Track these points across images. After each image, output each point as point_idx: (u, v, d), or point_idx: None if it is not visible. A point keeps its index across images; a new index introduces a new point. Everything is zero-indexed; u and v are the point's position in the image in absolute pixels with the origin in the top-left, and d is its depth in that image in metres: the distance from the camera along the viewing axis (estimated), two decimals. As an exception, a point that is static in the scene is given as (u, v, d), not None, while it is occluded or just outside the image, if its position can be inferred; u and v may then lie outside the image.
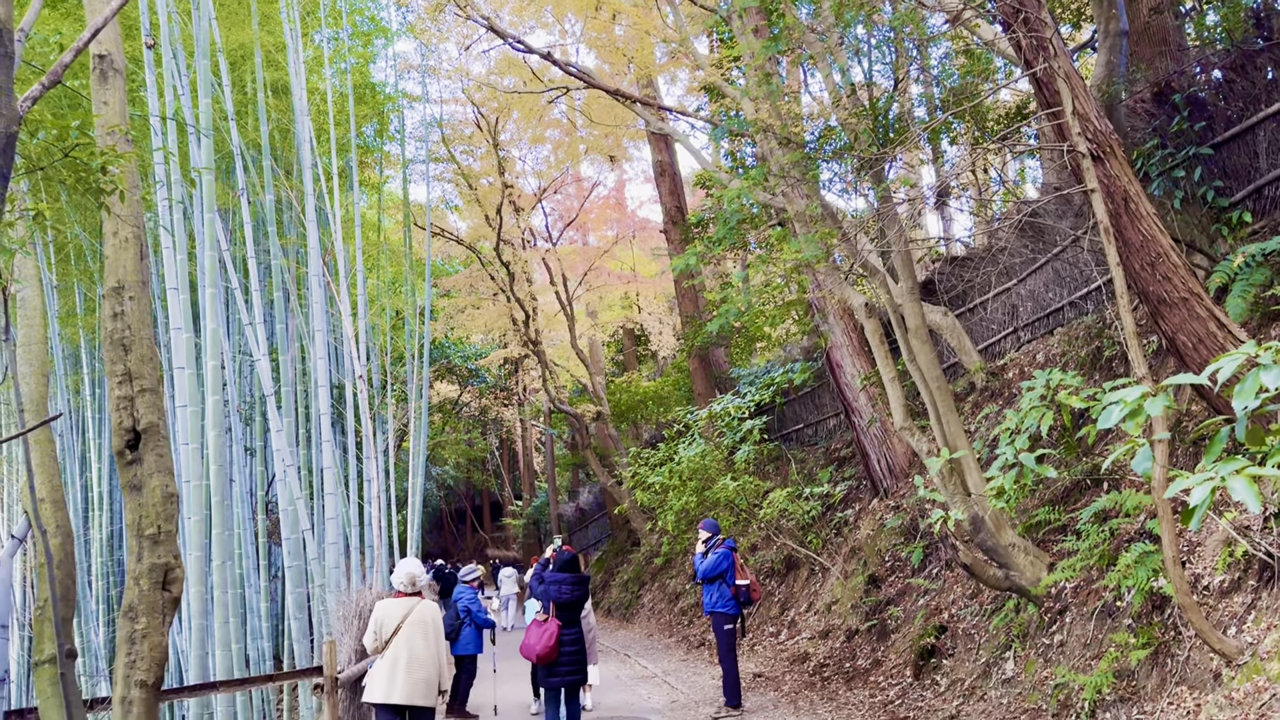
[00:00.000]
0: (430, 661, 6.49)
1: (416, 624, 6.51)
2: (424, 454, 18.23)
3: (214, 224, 9.76)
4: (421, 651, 6.46)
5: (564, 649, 8.11)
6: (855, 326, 13.85)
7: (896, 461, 13.16)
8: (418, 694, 6.37)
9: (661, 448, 13.50)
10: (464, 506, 46.80)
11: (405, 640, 6.44)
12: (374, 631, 6.52)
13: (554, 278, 22.78)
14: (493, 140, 20.44)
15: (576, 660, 8.19)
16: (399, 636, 6.45)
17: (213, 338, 9.49)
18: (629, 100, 13.75)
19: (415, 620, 6.52)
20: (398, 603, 6.62)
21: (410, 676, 6.37)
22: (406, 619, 6.51)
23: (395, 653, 6.41)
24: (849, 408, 13.52)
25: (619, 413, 23.45)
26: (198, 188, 10.01)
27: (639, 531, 22.13)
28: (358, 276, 15.48)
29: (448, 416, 32.67)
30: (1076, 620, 7.09)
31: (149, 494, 5.07)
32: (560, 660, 8.07)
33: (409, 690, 6.34)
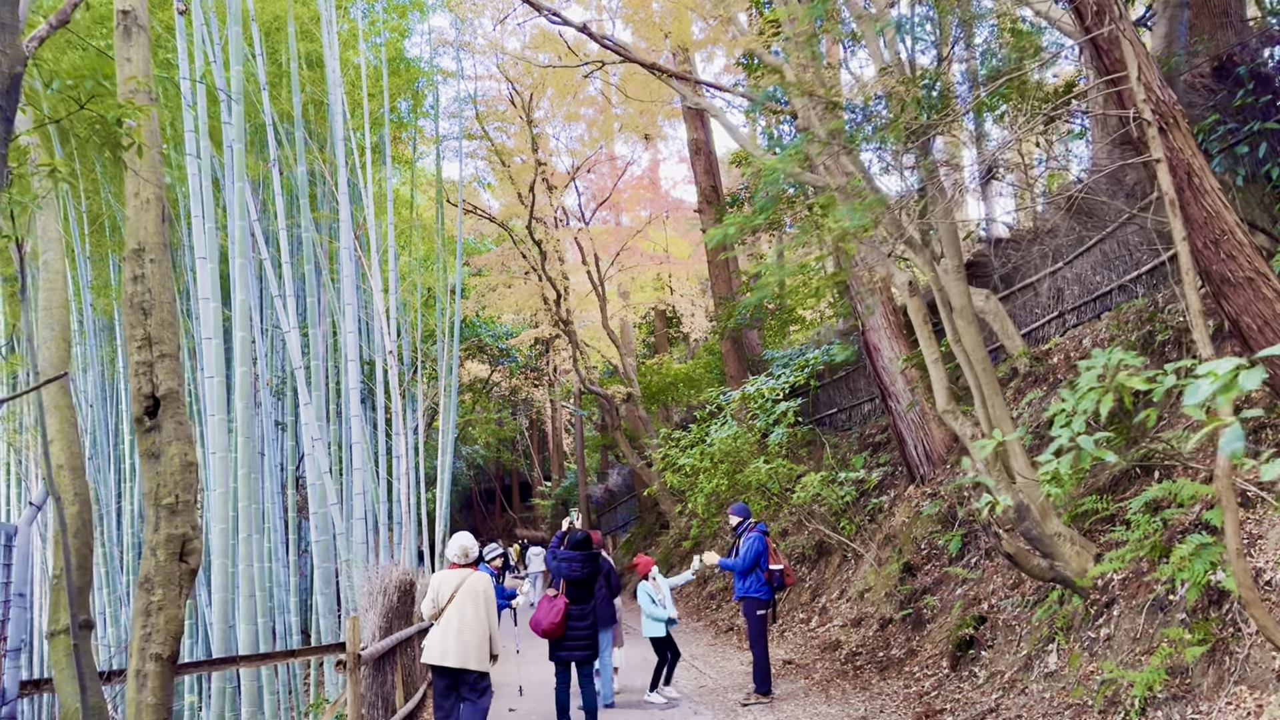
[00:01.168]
0: (481, 628, 6.85)
1: (468, 594, 6.88)
2: (453, 432, 18.14)
3: (244, 193, 9.62)
4: (472, 619, 6.81)
5: (572, 625, 8.08)
6: (894, 308, 13.52)
7: (934, 448, 12.84)
8: (471, 659, 6.74)
9: (694, 429, 13.26)
10: (493, 486, 46.89)
11: (457, 608, 6.83)
12: (431, 600, 6.94)
13: (586, 257, 22.57)
14: (527, 116, 20.21)
15: (585, 638, 8.11)
16: (452, 605, 6.84)
17: (241, 309, 9.36)
18: (665, 74, 13.47)
19: (467, 590, 6.89)
20: (452, 573, 7.01)
21: (461, 642, 6.74)
22: (460, 588, 6.90)
23: (448, 619, 6.81)
24: (886, 391, 13.21)
25: (649, 394, 23.24)
26: (228, 157, 9.88)
27: (668, 514, 21.95)
28: (389, 252, 15.36)
29: (478, 396, 32.63)
30: (1125, 613, 6.80)
31: (167, 462, 4.93)
32: (568, 636, 8.07)
33: (462, 654, 6.72)
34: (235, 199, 9.56)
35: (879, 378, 13.30)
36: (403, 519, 14.42)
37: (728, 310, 18.31)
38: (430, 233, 24.64)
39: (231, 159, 9.80)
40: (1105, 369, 4.57)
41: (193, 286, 13.11)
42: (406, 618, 8.91)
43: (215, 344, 8.47)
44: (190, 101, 8.94)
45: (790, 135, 18.82)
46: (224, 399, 8.63)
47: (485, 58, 22.05)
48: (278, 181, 11.32)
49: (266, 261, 10.17)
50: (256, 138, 13.81)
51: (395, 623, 8.42)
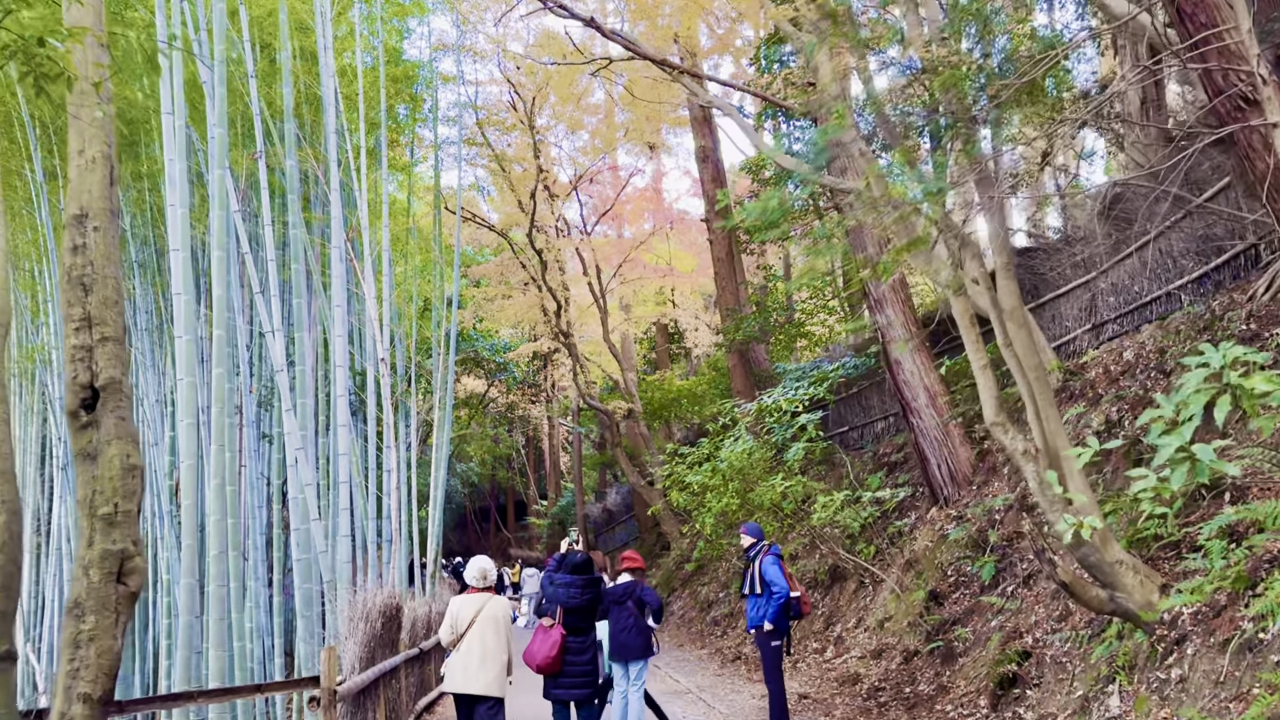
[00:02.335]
0: (501, 654, 6.81)
1: (488, 619, 6.82)
2: (447, 447, 17.35)
3: (225, 181, 8.88)
4: (493, 645, 6.78)
5: (570, 659, 7.26)
6: (915, 319, 12.80)
7: (959, 467, 12.08)
8: (493, 686, 6.71)
9: (704, 444, 12.49)
10: (488, 505, 45.96)
11: (479, 634, 6.77)
12: (450, 626, 6.86)
13: (587, 268, 21.86)
14: (529, 121, 19.55)
15: (585, 674, 7.30)
16: (472, 630, 6.78)
17: (219, 305, 8.60)
18: (676, 71, 12.80)
19: (487, 616, 6.83)
20: (472, 598, 6.94)
21: (484, 668, 6.70)
22: (479, 614, 6.83)
23: (469, 645, 6.75)
24: (907, 407, 12.45)
25: (651, 411, 22.46)
26: (211, 144, 9.14)
27: (669, 535, 21.15)
28: (383, 257, 14.63)
29: (474, 411, 31.83)
30: (1202, 652, 6.02)
31: (105, 465, 4.16)
32: (565, 672, 7.25)
33: (485, 682, 6.68)
34: (216, 186, 8.82)
35: (900, 392, 12.55)
36: (393, 537, 13.62)
37: (736, 322, 17.58)
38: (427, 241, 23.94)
39: (214, 145, 9.07)
40: (1220, 366, 3.83)
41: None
42: (392, 646, 8.10)
43: (188, 342, 7.71)
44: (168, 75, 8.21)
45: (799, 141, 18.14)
46: (194, 402, 7.84)
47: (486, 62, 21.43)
48: (264, 176, 10.59)
49: (248, 256, 9.40)
50: (245, 130, 13.08)
51: (379, 652, 7.62)
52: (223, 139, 8.93)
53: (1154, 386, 8.99)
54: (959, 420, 12.31)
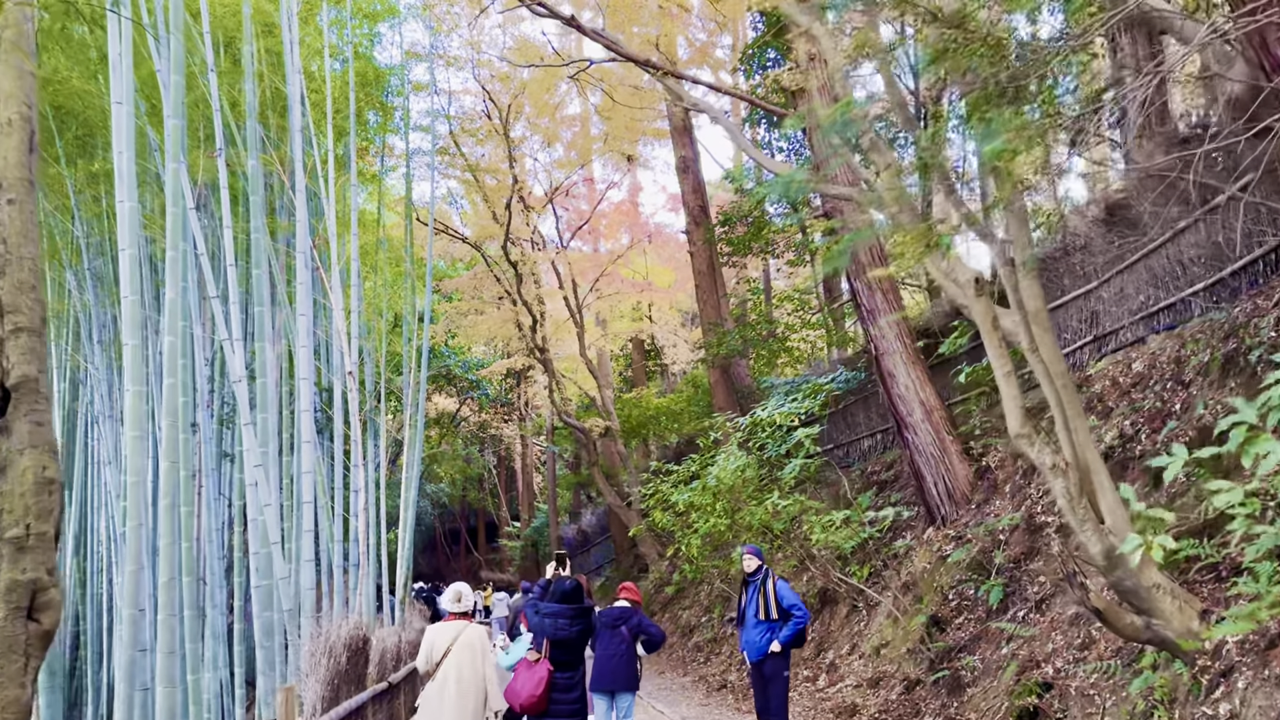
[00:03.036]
0: (479, 684, 6.55)
1: (464, 647, 6.57)
2: (419, 466, 16.62)
3: (180, 175, 8.21)
4: (470, 675, 6.52)
5: (557, 697, 6.59)
6: (908, 330, 12.30)
7: (957, 485, 11.56)
8: (466, 715, 6.44)
9: (695, 459, 11.88)
10: (458, 527, 44.99)
11: (454, 663, 6.52)
12: (426, 655, 6.61)
13: (563, 282, 21.25)
14: (504, 129, 18.96)
15: (573, 713, 6.64)
16: (448, 659, 6.52)
17: (171, 309, 7.90)
18: (659, 72, 12.27)
19: (463, 643, 6.58)
20: (448, 626, 6.71)
21: (460, 699, 6.45)
22: (456, 642, 6.58)
23: (444, 675, 6.50)
24: (902, 423, 11.93)
25: (629, 429, 21.83)
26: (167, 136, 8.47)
27: (647, 557, 20.49)
28: (352, 267, 13.96)
29: (445, 431, 31.04)
30: (1256, 686, 5.48)
31: (16, 478, 3.49)
32: (552, 711, 6.58)
33: (458, 712, 6.41)
34: (171, 181, 8.14)
35: (894, 407, 12.02)
36: (360, 561, 12.87)
37: (719, 337, 17.03)
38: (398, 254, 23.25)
39: (170, 137, 8.39)
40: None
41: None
42: (359, 682, 7.40)
43: (135, 348, 7.01)
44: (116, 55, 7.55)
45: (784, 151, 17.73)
46: (142, 413, 7.13)
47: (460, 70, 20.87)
48: (224, 177, 9.90)
49: (205, 259, 8.70)
50: (206, 133, 12.37)
51: (344, 689, 6.92)
52: (178, 130, 8.25)
53: (1172, 398, 8.52)
54: (956, 436, 11.81)
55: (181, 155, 8.26)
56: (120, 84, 7.47)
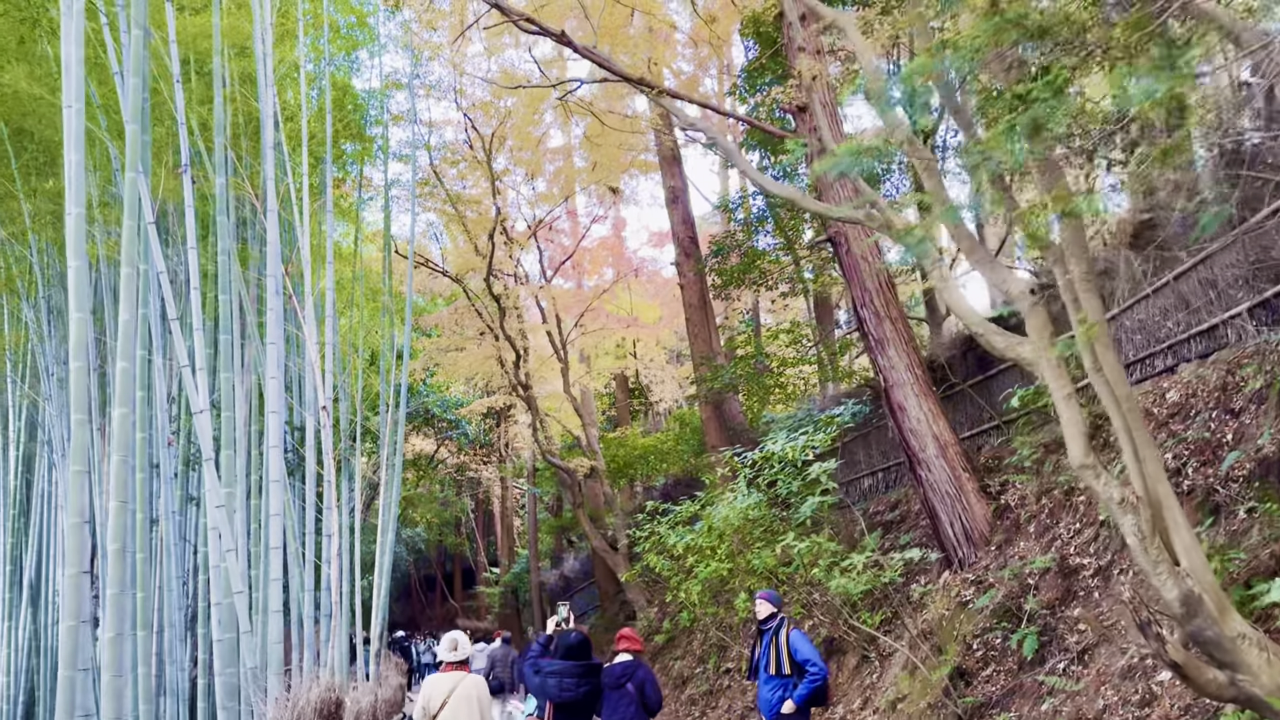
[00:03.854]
0: None
1: (461, 699, 6.34)
2: (395, 509, 15.72)
3: (139, 185, 7.45)
4: None
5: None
6: (919, 360, 11.64)
7: (975, 525, 10.83)
8: None
9: (701, 496, 11.10)
10: (434, 573, 43.68)
11: (451, 716, 6.28)
12: (422, 707, 6.40)
13: (547, 317, 20.54)
14: (487, 159, 18.33)
15: None
16: (445, 712, 6.30)
17: (125, 333, 7.09)
18: (654, 90, 11.68)
19: (460, 695, 6.35)
20: (444, 677, 6.49)
21: None
22: (453, 693, 6.35)
23: None
24: (914, 458, 11.22)
25: (615, 469, 21.01)
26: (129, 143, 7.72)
27: (635, 604, 19.56)
28: (327, 297, 13.18)
29: (422, 473, 30.04)
30: (1371, 754, 4.76)
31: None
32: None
33: None
34: (128, 192, 7.38)
35: (906, 442, 11.32)
36: (333, 610, 11.95)
37: (713, 371, 16.33)
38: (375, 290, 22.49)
39: (129, 144, 7.65)
40: None
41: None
42: (331, 751, 6.53)
43: (79, 370, 6.20)
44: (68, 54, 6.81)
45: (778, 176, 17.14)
46: (84, 445, 6.29)
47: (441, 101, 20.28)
48: (190, 195, 9.14)
49: (164, 277, 7.89)
50: (172, 148, 11.62)
51: (314, 762, 6.05)
52: (136, 137, 7.51)
53: (1221, 428, 7.88)
54: (972, 472, 11.11)
55: (140, 165, 7.51)
56: (71, 84, 6.73)
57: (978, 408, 13.53)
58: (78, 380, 6.14)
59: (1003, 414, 13.19)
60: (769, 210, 17.28)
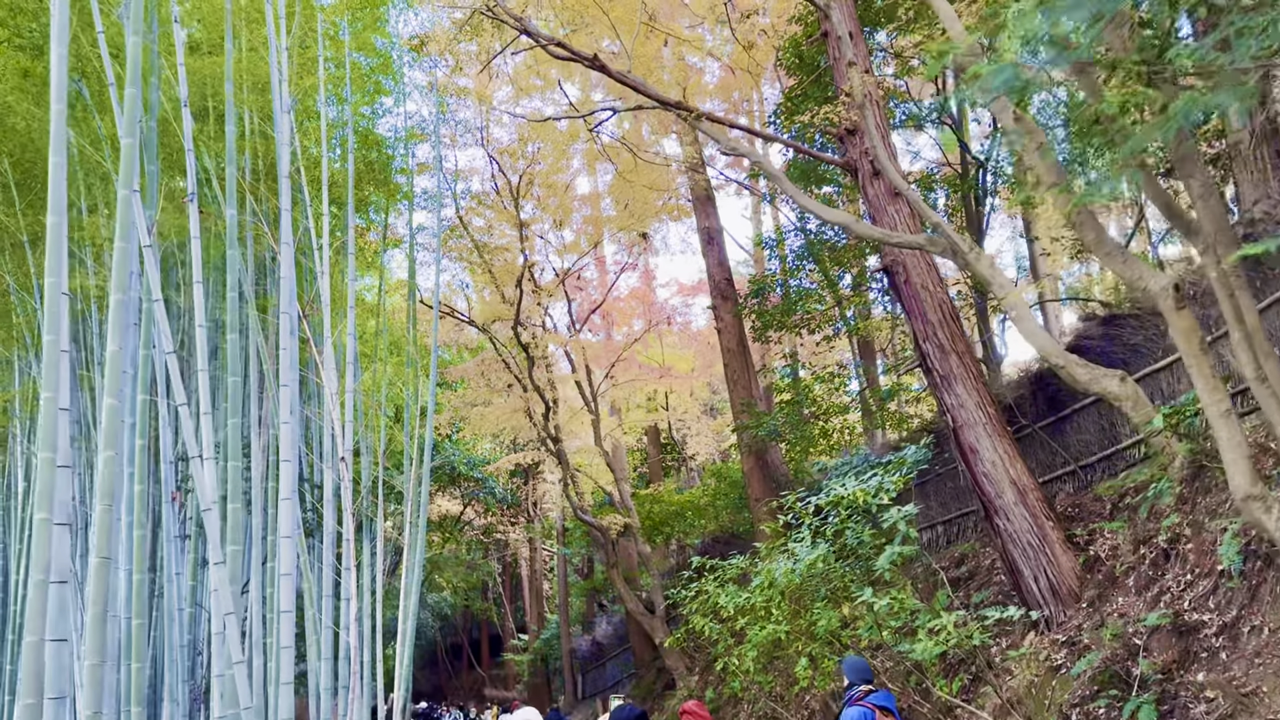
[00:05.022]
0: None
1: None
2: (420, 570, 14.73)
3: (133, 205, 6.68)
4: None
5: None
6: (990, 397, 10.62)
7: (1062, 579, 9.70)
8: None
9: (763, 547, 10.04)
10: (461, 640, 42.27)
11: None
12: None
13: (576, 368, 19.70)
14: (514, 205, 17.67)
15: None
16: None
17: (112, 365, 6.25)
18: (692, 114, 10.93)
19: None
20: None
21: None
22: None
23: None
24: (990, 506, 10.14)
25: (651, 526, 19.91)
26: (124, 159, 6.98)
27: (674, 670, 18.34)
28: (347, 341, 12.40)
29: (448, 535, 29.00)
30: None
31: None
32: None
33: None
34: (121, 211, 6.62)
35: (979, 488, 10.25)
36: (352, 683, 10.91)
37: (756, 418, 15.35)
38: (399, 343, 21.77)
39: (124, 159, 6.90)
40: None
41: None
42: None
43: (49, 401, 5.35)
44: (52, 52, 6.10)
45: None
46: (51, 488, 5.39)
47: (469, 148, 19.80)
48: (195, 224, 8.39)
49: (158, 305, 7.07)
50: (172, 162, 10.94)
51: None
52: (131, 151, 6.76)
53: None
54: (1056, 520, 10.01)
55: (134, 182, 6.75)
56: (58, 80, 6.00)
57: (1050, 452, 12.47)
58: (49, 412, 5.30)
59: (1077, 457, 12.13)
60: (808, 250, 16.43)
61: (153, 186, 9.28)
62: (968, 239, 9.98)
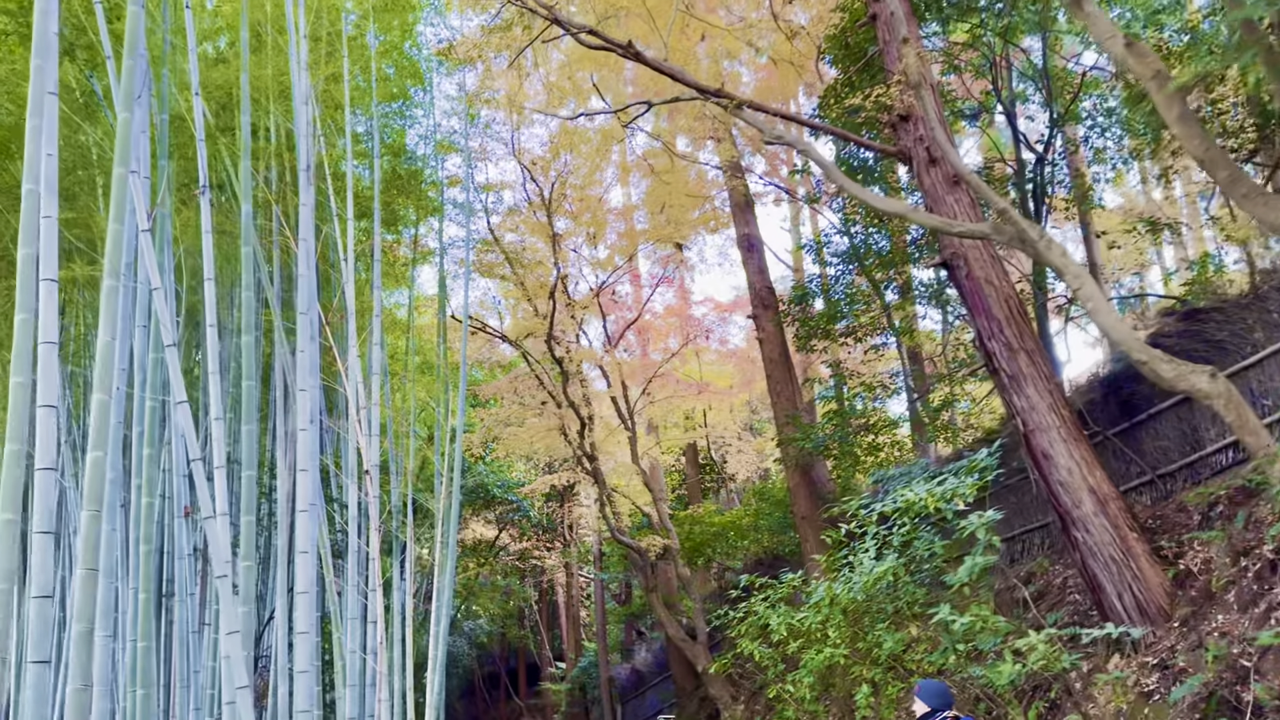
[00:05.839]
0: None
1: None
2: (450, 590, 14.06)
3: (131, 185, 6.12)
4: None
5: None
6: (1064, 399, 9.78)
7: (1150, 597, 8.81)
8: None
9: (829, 561, 9.22)
10: (498, 669, 41.40)
11: None
12: None
13: (612, 383, 19.02)
14: (547, 211, 17.11)
15: None
16: None
17: (104, 356, 5.65)
18: (733, 102, 10.27)
19: None
20: None
21: None
22: None
23: None
24: (1066, 518, 9.27)
25: (691, 548, 19.10)
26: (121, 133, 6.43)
27: (718, 700, 17.44)
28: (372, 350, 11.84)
29: (484, 560, 28.31)
30: None
31: None
32: None
33: None
34: (116, 189, 6.05)
35: (1055, 498, 9.39)
36: (377, 711, 10.21)
37: (804, 431, 14.55)
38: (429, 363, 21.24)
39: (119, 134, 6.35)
40: None
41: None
42: None
43: (22, 386, 4.74)
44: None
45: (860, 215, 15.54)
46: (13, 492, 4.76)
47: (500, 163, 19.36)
48: (207, 220, 7.83)
49: (156, 293, 6.45)
50: (183, 150, 10.41)
51: None
52: (128, 126, 6.21)
53: None
54: (1141, 532, 9.13)
55: (132, 161, 6.19)
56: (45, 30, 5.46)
57: (1124, 461, 11.56)
58: (17, 405, 4.68)
59: (1154, 466, 11.21)
60: (853, 254, 15.68)
61: (163, 181, 8.76)
62: (1036, 226, 9.20)
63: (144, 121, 6.67)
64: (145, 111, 6.77)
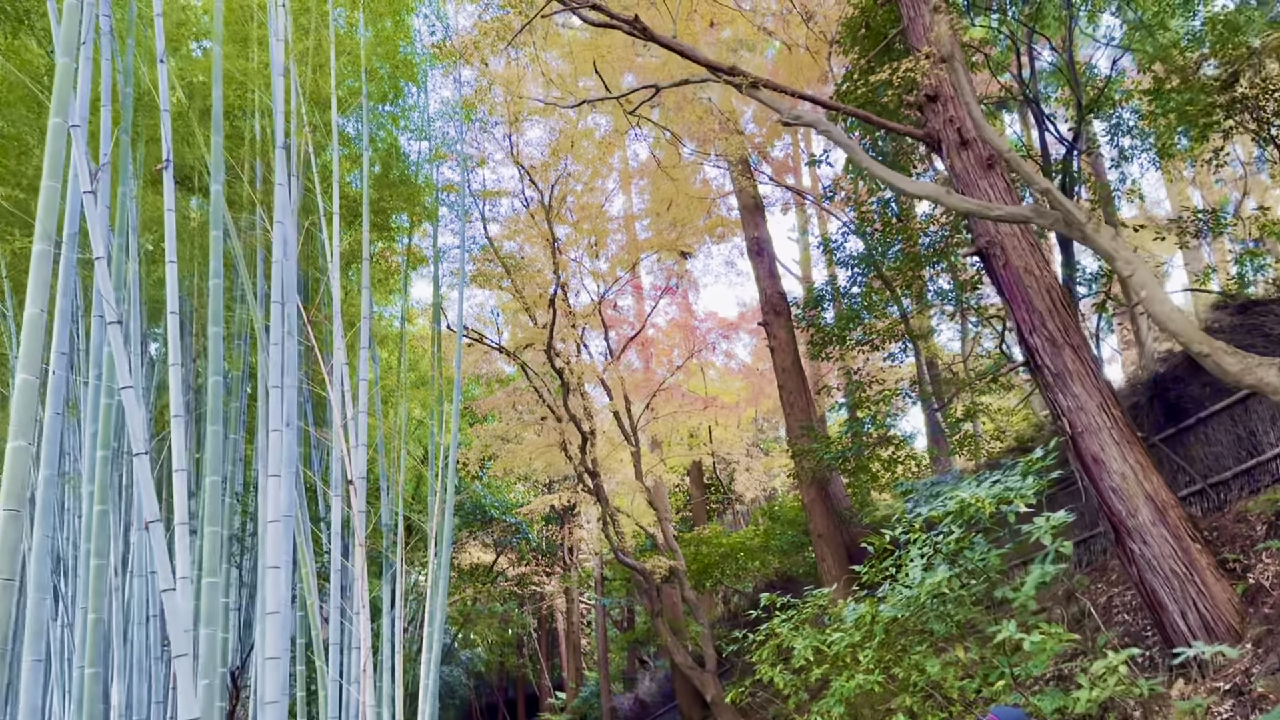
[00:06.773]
0: None
1: None
2: (443, 614, 13.12)
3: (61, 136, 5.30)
4: None
5: None
6: (1115, 398, 8.92)
7: (1218, 614, 7.92)
8: None
9: (845, 586, 8.33)
10: (496, 700, 40.20)
11: None
12: None
13: (615, 396, 18.17)
14: (546, 217, 16.33)
15: None
16: None
17: (31, 329, 4.81)
18: (746, 80, 9.51)
19: None
20: None
21: None
22: None
23: None
24: (1120, 527, 8.40)
25: (698, 570, 18.16)
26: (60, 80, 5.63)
27: (728, 732, 16.44)
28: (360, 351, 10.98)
29: (481, 586, 27.31)
30: None
31: None
32: None
33: None
34: (51, 141, 5.24)
35: (1106, 505, 8.52)
36: (360, 744, 9.27)
37: (823, 443, 13.69)
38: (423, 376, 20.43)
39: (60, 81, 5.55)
40: None
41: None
42: None
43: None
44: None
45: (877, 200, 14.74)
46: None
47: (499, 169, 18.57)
48: (170, 197, 7.01)
49: (100, 262, 5.59)
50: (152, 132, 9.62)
51: None
52: (68, 71, 5.41)
53: None
54: (1204, 543, 8.26)
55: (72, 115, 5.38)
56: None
57: (1172, 468, 10.71)
58: None
59: (1206, 474, 10.36)
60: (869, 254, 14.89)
61: (126, 158, 7.97)
62: (1082, 208, 8.41)
63: (89, 73, 5.84)
64: (91, 64, 5.96)
